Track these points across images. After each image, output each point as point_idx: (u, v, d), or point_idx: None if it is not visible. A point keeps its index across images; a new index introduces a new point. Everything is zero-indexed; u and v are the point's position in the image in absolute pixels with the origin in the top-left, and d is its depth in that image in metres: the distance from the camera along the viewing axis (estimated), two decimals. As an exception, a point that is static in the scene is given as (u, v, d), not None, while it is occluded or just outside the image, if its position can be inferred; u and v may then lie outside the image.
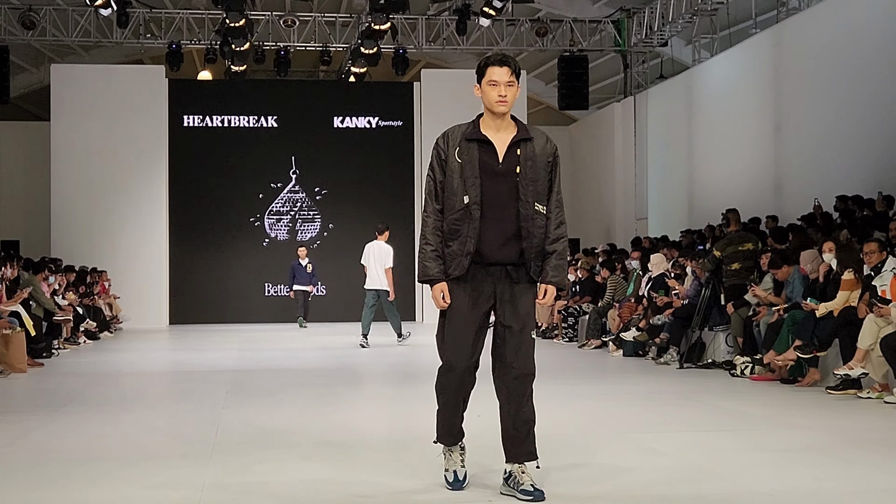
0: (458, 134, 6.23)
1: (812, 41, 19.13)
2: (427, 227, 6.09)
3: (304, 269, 24.06)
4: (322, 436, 8.26)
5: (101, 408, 10.33)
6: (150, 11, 25.78)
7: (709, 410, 9.89)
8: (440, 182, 6.11)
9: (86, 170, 25.27)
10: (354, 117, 26.82)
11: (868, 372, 10.32)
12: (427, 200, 6.15)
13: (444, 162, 6.15)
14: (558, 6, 27.03)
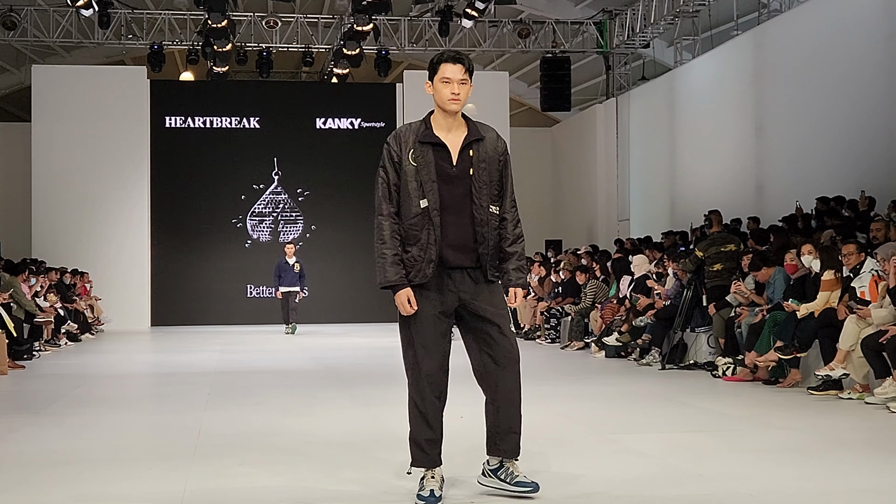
0: (411, 134, 6.05)
1: (793, 43, 19.21)
2: (384, 230, 6.04)
3: (291, 269, 22.28)
4: (304, 438, 8.25)
5: (83, 410, 10.30)
6: (131, 12, 25.70)
7: (691, 411, 9.91)
8: (395, 185, 6.03)
9: (67, 171, 25.19)
10: (337, 118, 26.79)
11: (849, 373, 10.35)
12: (380, 202, 6.08)
13: (397, 164, 6.04)
14: (540, 7, 27.06)
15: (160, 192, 25.95)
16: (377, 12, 22.52)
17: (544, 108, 28.19)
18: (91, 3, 21.85)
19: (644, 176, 25.88)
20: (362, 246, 26.08)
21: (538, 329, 19.56)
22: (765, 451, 7.49)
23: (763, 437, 8.28)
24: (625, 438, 8.15)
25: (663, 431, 8.62)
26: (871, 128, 16.90)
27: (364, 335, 21.56)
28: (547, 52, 26.99)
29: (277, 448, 7.76)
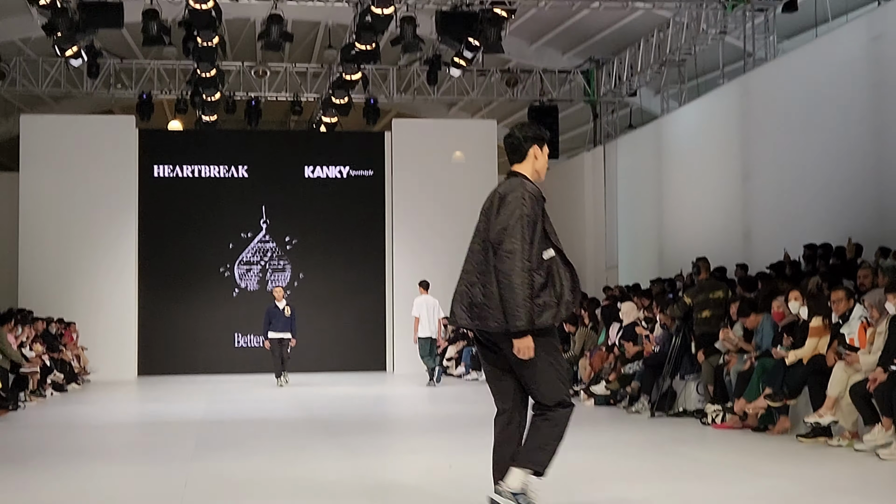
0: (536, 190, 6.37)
1: (779, 91, 19.34)
2: (526, 275, 6.07)
3: (282, 314, 20.97)
4: (293, 488, 8.19)
5: (69, 461, 10.21)
6: (120, 62, 25.80)
7: (680, 460, 9.87)
8: (538, 233, 6.22)
9: (55, 220, 25.15)
10: (325, 167, 26.83)
11: (838, 420, 10.34)
12: (525, 250, 6.10)
13: (539, 215, 6.26)
14: (528, 57, 27.23)
15: (148, 240, 25.90)
16: (366, 61, 22.62)
17: (532, 157, 28.27)
18: (80, 53, 21.91)
19: (632, 223, 25.93)
20: (351, 294, 26.08)
21: (527, 377, 19.46)
22: (755, 500, 7.45)
23: (753, 485, 8.25)
24: (615, 487, 8.11)
25: (653, 480, 8.58)
26: (858, 175, 16.98)
27: (352, 384, 21.49)
28: (535, 100, 27.12)
29: (266, 498, 7.70)
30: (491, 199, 6.35)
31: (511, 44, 24.74)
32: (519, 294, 5.99)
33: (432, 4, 20.82)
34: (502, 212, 6.18)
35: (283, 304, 21.04)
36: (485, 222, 6.31)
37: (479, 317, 6.19)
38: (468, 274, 6.30)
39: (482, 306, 6.16)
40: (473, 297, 6.21)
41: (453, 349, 24.40)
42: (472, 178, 26.70)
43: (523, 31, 25.91)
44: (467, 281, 6.29)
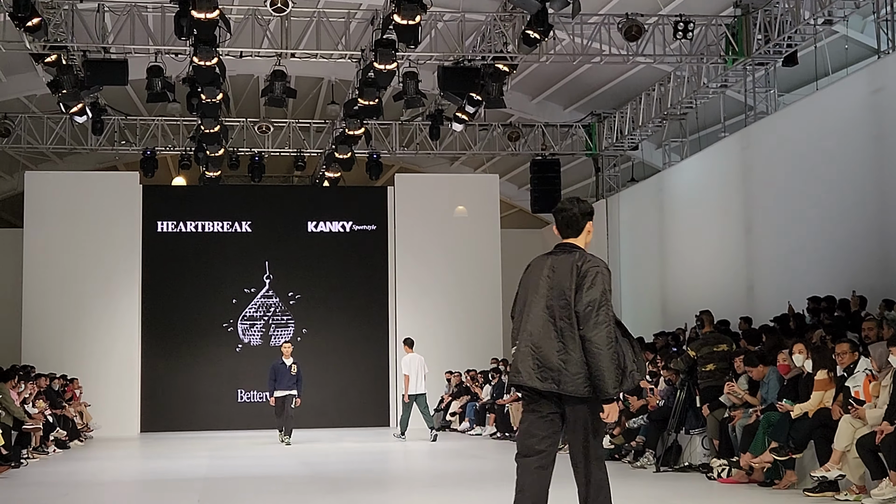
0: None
1: (780, 144, 19.41)
2: (615, 346, 6.41)
3: (288, 371, 20.40)
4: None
5: (70, 519, 10.15)
6: (125, 118, 25.95)
7: (686, 515, 9.79)
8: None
9: (58, 276, 25.18)
10: (328, 222, 26.89)
11: (845, 473, 10.27)
12: (609, 321, 6.43)
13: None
14: (530, 111, 27.37)
15: (151, 296, 25.91)
16: (368, 117, 22.73)
17: (535, 210, 28.34)
18: (85, 109, 22.03)
19: (635, 277, 25.93)
20: (354, 349, 26.02)
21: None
22: (762, 555, 7.39)
23: (760, 541, 8.18)
24: (620, 543, 8.03)
25: (659, 536, 8.51)
26: (860, 227, 16.99)
27: (356, 440, 21.39)
28: (537, 154, 27.22)
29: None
30: (559, 265, 6.63)
31: (513, 98, 24.89)
32: (612, 363, 6.30)
33: (434, 60, 20.96)
34: (590, 284, 6.48)
35: (289, 362, 20.54)
36: (548, 289, 6.57)
37: (553, 380, 6.40)
38: (532, 336, 6.50)
39: (559, 370, 6.39)
40: (545, 360, 6.42)
41: (457, 404, 24.30)
42: (474, 233, 26.79)
43: (525, 85, 26.07)
44: (531, 342, 6.49)
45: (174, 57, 20.04)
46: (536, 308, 6.55)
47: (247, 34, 20.00)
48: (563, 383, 6.35)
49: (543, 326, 6.47)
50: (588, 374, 6.32)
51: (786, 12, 18.96)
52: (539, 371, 6.40)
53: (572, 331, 6.39)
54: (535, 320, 6.53)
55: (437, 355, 25.92)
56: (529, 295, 6.63)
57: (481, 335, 26.23)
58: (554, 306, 6.49)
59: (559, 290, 6.51)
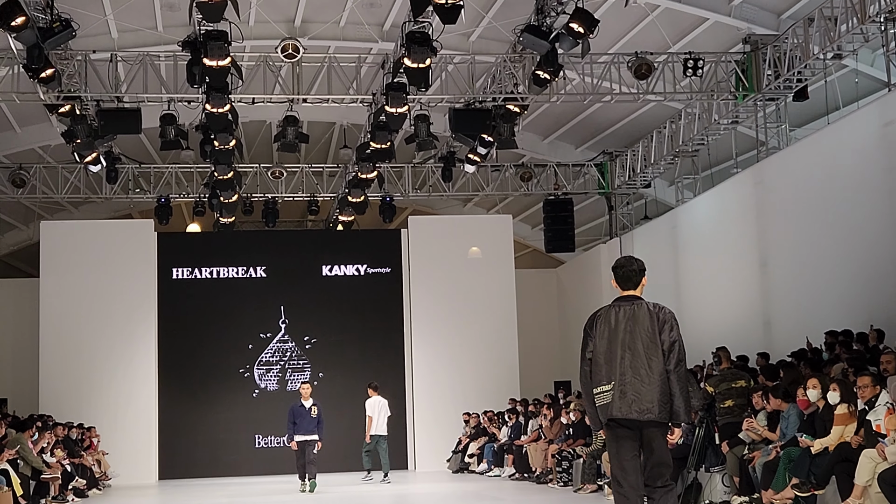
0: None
1: (793, 179, 19.40)
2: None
3: (308, 414, 19.16)
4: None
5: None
6: (139, 166, 26.10)
7: (708, 553, 9.71)
8: None
9: (75, 325, 25.25)
10: (343, 265, 26.93)
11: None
12: (685, 356, 7.79)
13: None
14: (542, 151, 27.45)
15: (167, 343, 25.95)
16: (381, 160, 22.81)
17: (548, 250, 28.36)
18: (99, 158, 22.17)
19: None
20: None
21: (550, 472, 19.31)
22: (786, 593, 7.31)
23: (784, 578, 8.10)
24: (642, 583, 7.96)
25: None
26: (876, 260, 16.94)
27: (373, 484, 21.29)
28: (549, 194, 27.26)
29: None
30: (635, 314, 7.85)
31: (524, 139, 24.99)
32: (686, 393, 7.68)
33: (445, 102, 21.06)
34: (669, 328, 7.82)
35: (309, 403, 19.27)
36: (632, 332, 7.76)
37: (648, 410, 7.59)
38: (624, 375, 7.67)
39: (651, 402, 7.60)
40: (640, 394, 7.62)
41: (475, 445, 24.19)
42: (489, 273, 26.79)
43: (536, 125, 26.17)
44: (626, 381, 7.67)
45: (187, 105, 20.19)
46: (627, 351, 7.70)
47: (258, 80, 20.14)
48: (652, 412, 7.56)
49: (633, 366, 7.64)
50: (668, 402, 7.59)
51: (795, 47, 19.01)
52: (636, 403, 7.58)
53: (656, 367, 7.62)
54: (627, 361, 7.68)
55: (454, 396, 25.89)
56: (611, 342, 7.77)
57: (498, 376, 26.17)
58: (640, 349, 7.67)
59: (643, 335, 7.71)
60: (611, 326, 7.82)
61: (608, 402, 7.70)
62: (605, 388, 7.73)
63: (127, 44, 20.86)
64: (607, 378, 7.72)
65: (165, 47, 20.23)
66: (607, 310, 7.95)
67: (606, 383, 7.72)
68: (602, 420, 7.82)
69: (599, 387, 7.76)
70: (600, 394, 7.76)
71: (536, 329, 29.51)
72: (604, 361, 7.77)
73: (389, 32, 21.18)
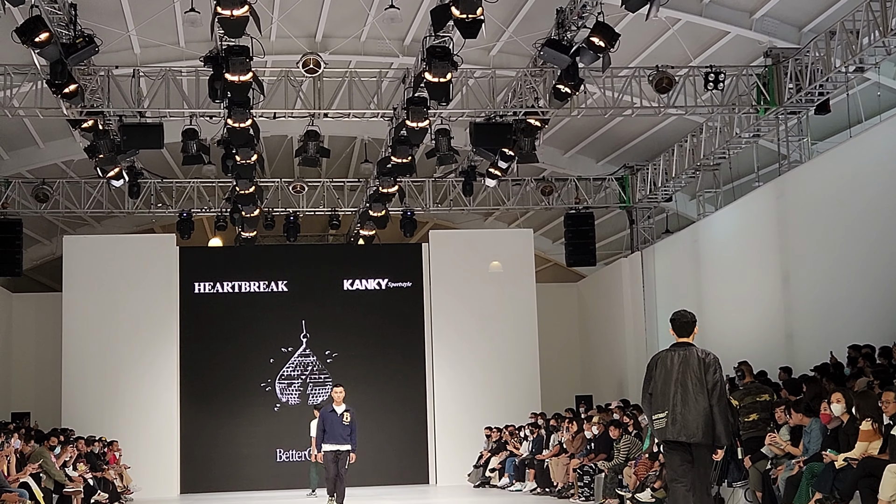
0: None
1: (815, 192, 19.33)
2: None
3: (340, 420, 17.16)
4: None
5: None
6: (161, 181, 26.21)
7: (731, 568, 9.66)
8: None
9: (97, 339, 25.35)
10: (364, 279, 26.96)
11: (892, 524, 10.11)
12: (726, 393, 9.77)
13: None
14: (563, 165, 27.44)
15: (189, 357, 26.02)
16: (402, 174, 22.86)
17: (570, 264, 28.32)
18: (121, 173, 22.28)
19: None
20: (392, 406, 25.93)
21: (571, 487, 19.25)
22: None
23: None
24: None
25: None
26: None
27: (394, 497, 21.27)
28: (570, 208, 27.23)
29: None
30: (687, 358, 9.79)
31: (545, 153, 24.97)
32: (727, 423, 9.62)
33: (466, 116, 21.09)
34: (713, 370, 9.70)
35: (341, 409, 17.26)
36: (683, 373, 9.67)
37: (697, 434, 9.54)
38: (676, 407, 9.60)
39: (698, 428, 9.53)
40: (689, 422, 9.54)
41: (496, 460, 24.15)
42: (510, 287, 26.77)
43: (557, 139, 26.16)
44: (679, 411, 9.59)
45: (209, 119, 20.29)
46: (679, 387, 9.64)
47: (280, 95, 20.22)
48: (700, 436, 9.52)
49: (684, 400, 9.59)
50: (711, 428, 9.50)
51: (816, 61, 18.95)
52: (684, 430, 9.54)
53: (702, 401, 9.54)
54: (678, 396, 9.62)
55: (475, 410, 25.86)
56: (666, 379, 9.70)
57: (519, 390, 26.13)
58: (689, 386, 9.61)
59: (693, 375, 9.64)
60: (667, 367, 9.76)
61: (663, 427, 9.69)
62: (661, 415, 9.71)
63: (149, 59, 20.98)
64: (662, 408, 9.69)
65: (187, 62, 20.33)
66: (666, 353, 9.95)
67: (662, 412, 9.69)
68: (659, 440, 9.99)
69: (657, 414, 9.74)
70: (657, 420, 9.74)
71: (557, 343, 29.45)
72: (660, 395, 9.72)
73: (410, 47, 21.23)
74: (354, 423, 17.32)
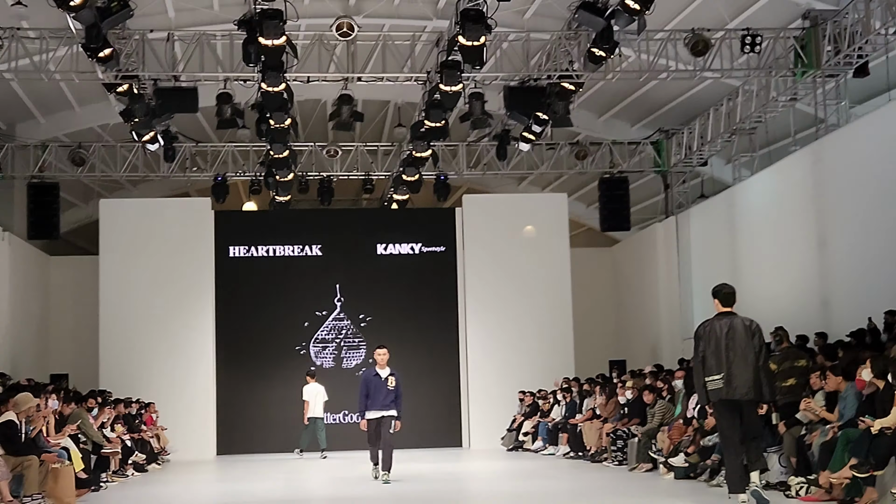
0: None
1: (852, 156, 19.15)
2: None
3: (385, 385, 15.81)
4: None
5: (149, 541, 10.27)
6: (195, 145, 26.30)
7: (765, 533, 9.66)
8: None
9: (133, 302, 25.54)
10: (397, 244, 26.98)
11: (927, 490, 10.06)
12: (768, 355, 11.56)
13: None
14: (597, 129, 27.30)
15: (225, 320, 26.17)
16: (435, 139, 22.83)
17: (604, 229, 28.24)
18: (157, 137, 22.38)
19: (707, 294, 25.49)
20: (425, 370, 25.96)
21: (604, 451, 19.28)
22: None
23: (841, 559, 8.04)
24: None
25: (737, 555, 8.40)
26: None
27: (427, 460, 21.37)
28: (605, 172, 27.13)
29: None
30: (733, 325, 11.12)
31: (580, 117, 24.86)
32: (771, 381, 11.14)
33: (500, 80, 21.00)
34: (758, 335, 11.08)
35: (385, 373, 16.04)
36: (733, 339, 10.99)
37: (749, 392, 10.92)
38: (731, 368, 10.88)
39: (750, 386, 10.89)
40: (742, 381, 10.86)
41: (529, 424, 24.20)
42: (543, 252, 26.72)
43: (591, 103, 26.02)
44: (733, 372, 10.86)
45: (243, 84, 20.33)
46: (730, 353, 10.91)
47: (313, 59, 20.21)
48: (752, 394, 10.91)
49: (736, 363, 10.87)
50: (759, 386, 10.90)
51: (856, 23, 18.73)
52: (738, 389, 10.86)
53: (751, 363, 10.89)
54: (731, 359, 10.90)
55: (508, 375, 25.89)
56: (717, 345, 10.97)
57: (552, 354, 26.13)
58: (739, 351, 10.92)
59: (741, 341, 10.96)
60: (717, 335, 11.02)
61: (719, 388, 10.87)
62: (716, 377, 10.89)
63: (183, 23, 21.01)
64: (717, 371, 10.90)
65: (221, 26, 20.34)
66: (713, 321, 11.20)
67: (717, 374, 10.89)
68: (713, 399, 11.04)
69: (712, 377, 10.91)
70: (713, 381, 10.91)
71: (591, 308, 29.40)
72: (714, 360, 10.94)
73: (444, 10, 21.15)
74: (400, 388, 15.99)
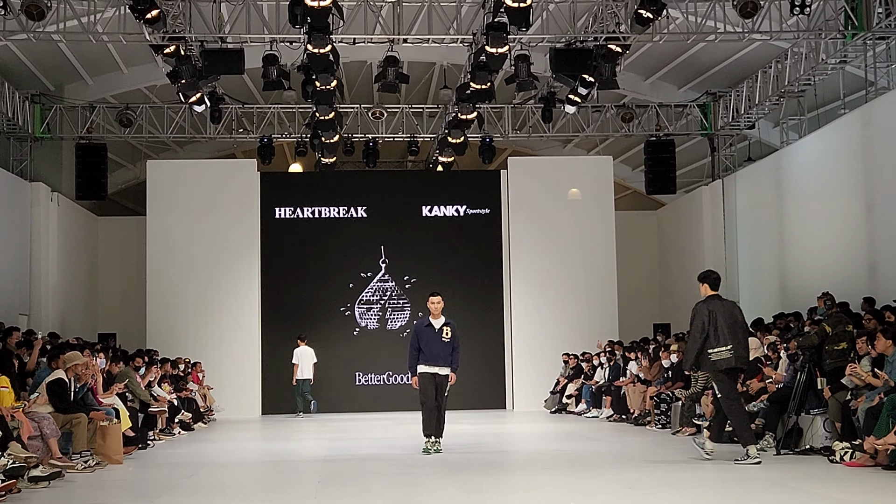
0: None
1: (903, 120, 18.90)
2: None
3: (439, 337, 14.28)
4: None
5: (197, 498, 10.42)
6: (242, 107, 26.41)
7: (806, 498, 9.65)
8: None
9: (180, 262, 25.79)
10: (442, 206, 27.03)
11: (973, 457, 10.00)
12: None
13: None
14: (643, 91, 27.12)
15: (270, 281, 26.38)
16: (481, 100, 22.77)
17: (649, 192, 28.10)
18: (203, 99, 22.49)
19: (752, 258, 25.54)
20: (469, 332, 25.93)
21: (648, 414, 19.30)
22: (887, 539, 7.26)
23: (884, 525, 8.03)
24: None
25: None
26: None
27: (471, 422, 21.47)
28: (651, 135, 26.98)
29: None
30: (725, 306, 12.60)
31: (626, 79, 24.69)
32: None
33: (546, 42, 20.90)
34: (743, 315, 12.70)
35: (440, 323, 14.49)
36: (724, 315, 12.37)
37: (745, 363, 12.65)
38: (730, 341, 12.26)
39: (745, 358, 12.52)
40: (741, 353, 12.34)
41: (572, 386, 24.25)
42: (588, 215, 26.67)
43: (638, 65, 25.82)
44: (733, 344, 12.27)
45: (289, 45, 20.34)
46: (726, 328, 12.27)
47: (359, 21, 20.19)
48: (746, 364, 12.72)
49: (734, 337, 12.28)
50: (745, 358, 12.51)
51: (908, -16, 18.44)
52: (740, 360, 12.32)
53: (742, 338, 12.43)
54: (734, 334, 12.31)
55: (552, 338, 25.94)
56: (720, 322, 12.28)
57: (596, 317, 26.14)
58: (737, 327, 12.39)
59: (732, 318, 12.40)
60: (719, 312, 12.32)
61: (729, 358, 12.19)
62: (723, 349, 12.20)
63: (230, -16, 21.03)
64: (724, 343, 12.20)
65: (268, -12, 20.36)
66: (707, 301, 12.55)
67: (724, 346, 12.20)
68: (720, 368, 12.29)
69: (720, 348, 12.21)
70: (721, 352, 12.20)
71: (636, 272, 29.34)
72: (720, 334, 12.21)
73: (491, -29, 21.03)
74: (456, 339, 14.46)
